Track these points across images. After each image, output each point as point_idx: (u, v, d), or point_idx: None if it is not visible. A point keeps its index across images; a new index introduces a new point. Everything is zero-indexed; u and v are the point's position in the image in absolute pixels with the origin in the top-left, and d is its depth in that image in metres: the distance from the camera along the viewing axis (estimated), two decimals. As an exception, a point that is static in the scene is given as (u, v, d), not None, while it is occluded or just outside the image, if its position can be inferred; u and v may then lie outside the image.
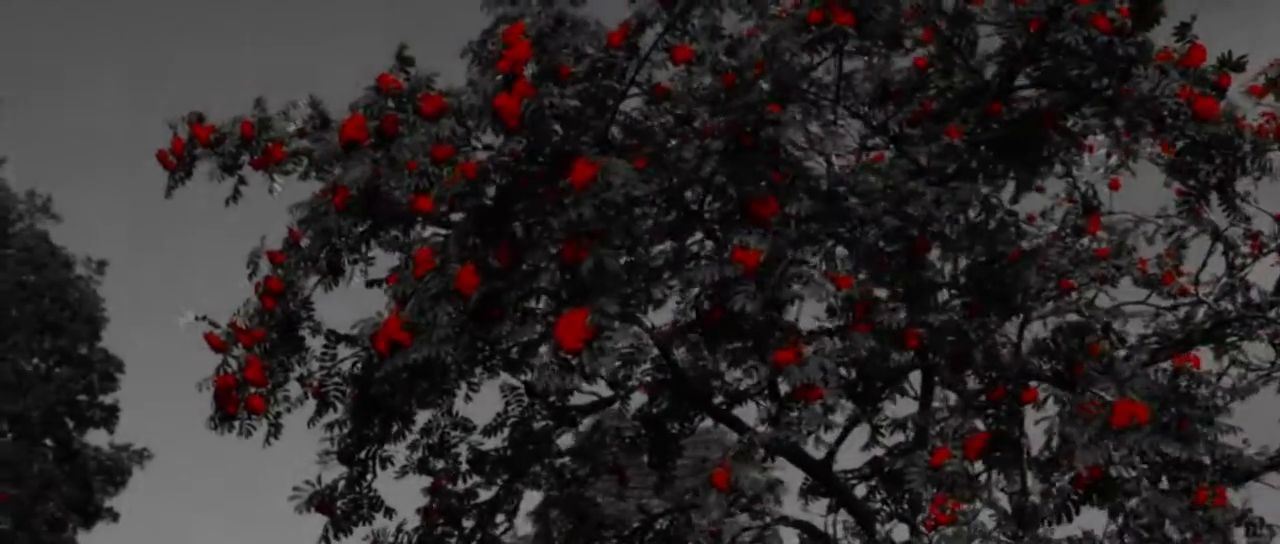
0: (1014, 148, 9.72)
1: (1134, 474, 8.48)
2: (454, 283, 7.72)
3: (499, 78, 7.32)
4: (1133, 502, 8.06)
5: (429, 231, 8.79)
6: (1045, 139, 9.78)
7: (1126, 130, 9.50)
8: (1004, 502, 8.86)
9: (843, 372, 10.21)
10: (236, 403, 9.64)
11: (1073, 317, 10.04)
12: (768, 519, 13.14)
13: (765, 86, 7.87)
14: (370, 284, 8.59)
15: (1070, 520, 8.45)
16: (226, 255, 10.84)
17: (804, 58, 8.12)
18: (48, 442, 27.30)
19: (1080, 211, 11.09)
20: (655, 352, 10.55)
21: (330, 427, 10.04)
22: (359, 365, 9.40)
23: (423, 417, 10.49)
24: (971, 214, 10.18)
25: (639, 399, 10.90)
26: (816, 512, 11.65)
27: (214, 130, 9.53)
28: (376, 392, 8.94)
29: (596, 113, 8.47)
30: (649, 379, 10.67)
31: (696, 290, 8.40)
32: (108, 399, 27.82)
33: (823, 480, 10.92)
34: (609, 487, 12.72)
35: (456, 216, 8.74)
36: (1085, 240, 11.46)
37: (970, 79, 9.30)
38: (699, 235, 8.74)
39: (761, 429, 8.99)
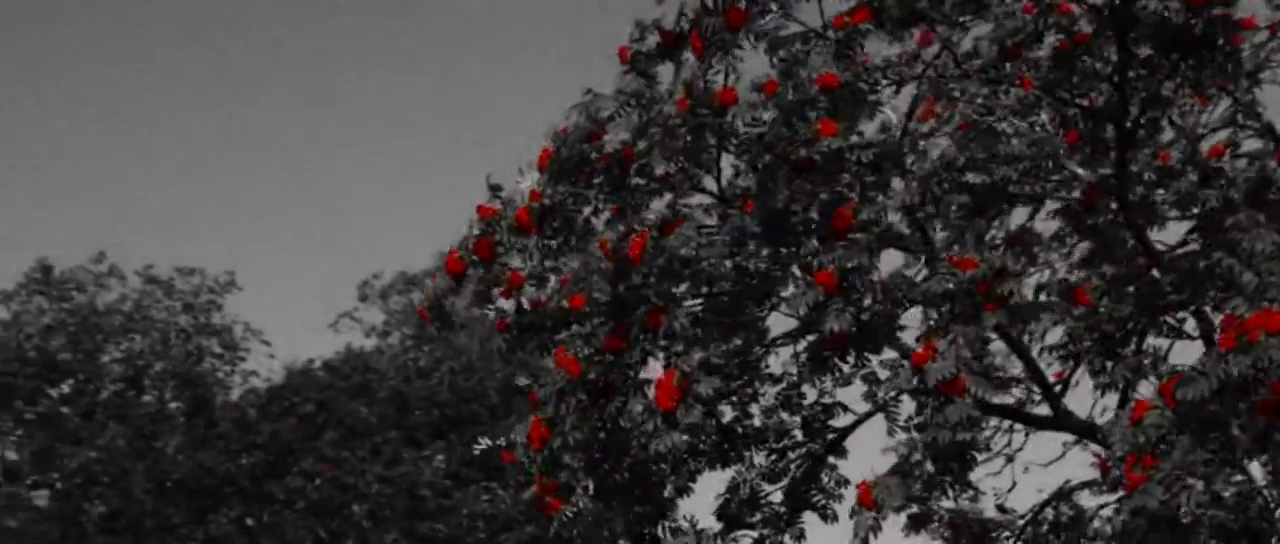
0: (1186, 55, 9.03)
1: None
2: (568, 374, 8.36)
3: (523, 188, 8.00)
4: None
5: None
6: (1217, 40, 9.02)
7: None
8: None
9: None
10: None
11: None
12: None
13: (766, 116, 7.95)
14: (519, 390, 9.34)
15: (1264, 450, 7.64)
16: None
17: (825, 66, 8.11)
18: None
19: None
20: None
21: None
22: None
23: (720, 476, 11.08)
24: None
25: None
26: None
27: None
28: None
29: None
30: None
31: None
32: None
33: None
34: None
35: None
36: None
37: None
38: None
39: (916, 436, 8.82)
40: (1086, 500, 12.97)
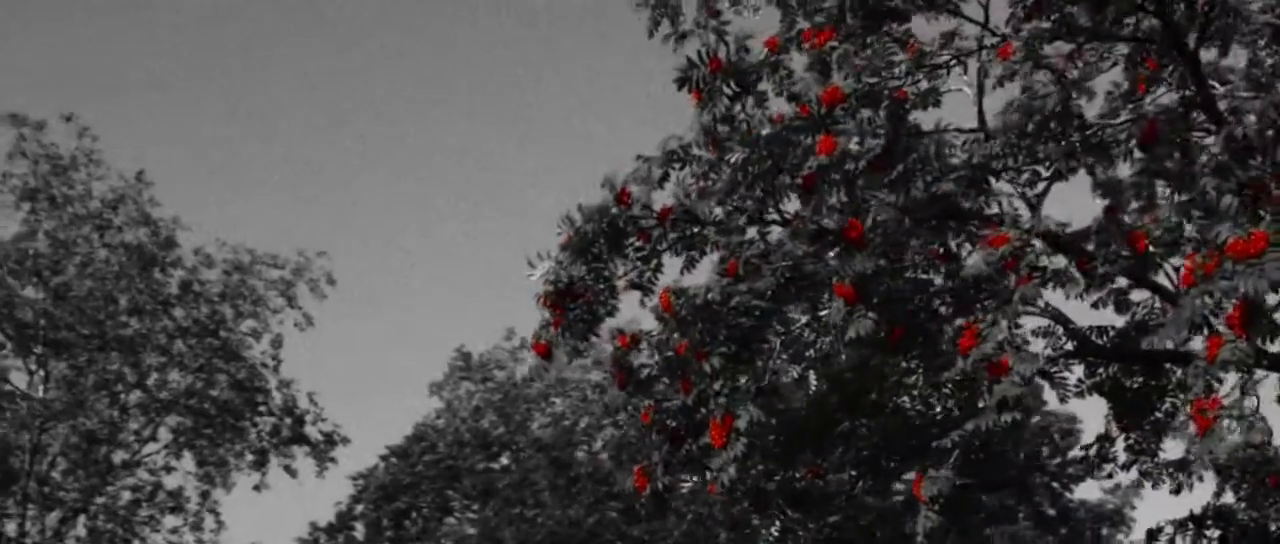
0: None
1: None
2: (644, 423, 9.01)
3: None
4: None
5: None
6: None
7: None
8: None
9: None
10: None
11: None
12: None
13: (764, 134, 8.25)
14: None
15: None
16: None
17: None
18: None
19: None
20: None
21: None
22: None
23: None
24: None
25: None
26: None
27: None
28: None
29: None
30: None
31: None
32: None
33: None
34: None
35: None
36: None
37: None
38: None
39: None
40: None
